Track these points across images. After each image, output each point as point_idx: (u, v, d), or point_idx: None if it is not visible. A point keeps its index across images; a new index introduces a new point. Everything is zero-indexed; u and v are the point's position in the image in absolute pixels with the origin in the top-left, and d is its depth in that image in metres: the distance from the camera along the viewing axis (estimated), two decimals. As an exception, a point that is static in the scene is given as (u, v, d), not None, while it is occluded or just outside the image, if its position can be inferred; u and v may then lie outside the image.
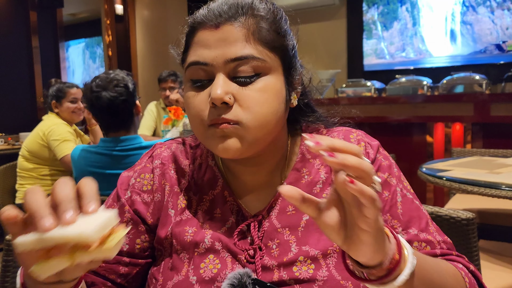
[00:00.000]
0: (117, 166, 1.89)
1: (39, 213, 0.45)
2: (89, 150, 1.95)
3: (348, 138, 0.77)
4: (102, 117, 1.85)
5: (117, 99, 1.79)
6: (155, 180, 0.77)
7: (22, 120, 4.39)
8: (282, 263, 0.69)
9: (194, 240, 0.71)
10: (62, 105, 2.77)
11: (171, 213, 0.75)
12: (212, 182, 0.77)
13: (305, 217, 0.72)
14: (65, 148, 2.56)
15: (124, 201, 0.77)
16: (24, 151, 2.66)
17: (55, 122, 2.69)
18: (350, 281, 0.67)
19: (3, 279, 1.29)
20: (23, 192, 2.59)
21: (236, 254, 0.70)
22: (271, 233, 0.71)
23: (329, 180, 0.74)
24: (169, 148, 0.81)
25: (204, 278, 0.68)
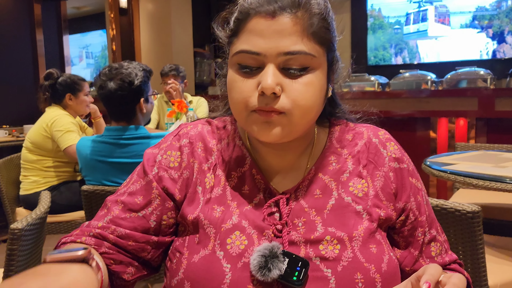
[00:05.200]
0: (121, 154, 1.90)
1: None
2: (94, 140, 1.96)
3: (377, 135, 0.81)
4: (105, 105, 1.88)
5: (116, 93, 1.81)
6: (184, 158, 0.78)
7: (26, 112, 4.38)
8: (309, 240, 0.71)
9: (221, 217, 0.73)
10: (78, 98, 2.76)
11: (198, 190, 0.76)
12: (240, 160, 0.79)
13: (331, 202, 0.74)
14: (68, 138, 2.56)
15: (152, 177, 0.77)
16: (28, 142, 2.67)
17: (58, 113, 2.68)
18: (373, 264, 0.69)
19: (7, 267, 1.29)
20: (27, 184, 2.61)
21: (263, 229, 0.72)
22: (298, 212, 0.74)
23: (356, 171, 0.77)
24: (196, 128, 0.82)
25: (231, 254, 0.70)
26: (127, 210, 0.75)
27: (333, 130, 0.82)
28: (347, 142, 0.80)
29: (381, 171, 0.77)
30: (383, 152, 0.79)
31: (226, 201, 0.75)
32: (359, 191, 0.75)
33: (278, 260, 0.67)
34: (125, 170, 1.92)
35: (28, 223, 1.31)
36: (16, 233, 1.25)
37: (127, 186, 0.79)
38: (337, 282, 0.67)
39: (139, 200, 0.76)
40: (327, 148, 0.80)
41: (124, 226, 0.75)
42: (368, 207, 0.74)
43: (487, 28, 4.36)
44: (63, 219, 2.57)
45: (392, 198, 0.77)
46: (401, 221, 0.77)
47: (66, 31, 5.61)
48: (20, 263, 1.32)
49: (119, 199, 0.77)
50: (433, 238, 0.80)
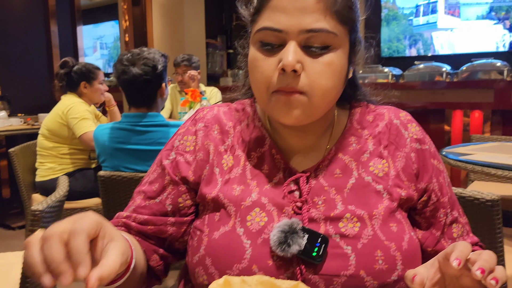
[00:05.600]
0: (138, 141, 1.91)
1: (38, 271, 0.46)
2: (111, 127, 1.97)
3: (398, 116, 0.81)
4: (126, 91, 1.88)
5: (142, 77, 1.82)
6: (198, 141, 0.80)
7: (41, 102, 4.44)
8: (329, 218, 0.71)
9: (241, 195, 0.74)
10: (93, 86, 2.79)
11: (216, 171, 0.77)
12: (259, 140, 0.79)
13: (351, 181, 0.75)
14: (84, 126, 2.58)
15: (165, 164, 0.80)
16: (44, 130, 2.70)
17: (73, 101, 2.71)
18: (394, 242, 0.70)
19: (28, 248, 1.31)
20: (43, 170, 2.64)
21: (283, 206, 0.73)
22: (318, 190, 0.74)
23: (377, 152, 0.77)
24: (212, 111, 0.84)
25: (251, 231, 0.71)
26: (146, 198, 0.80)
27: (354, 112, 0.82)
28: (367, 123, 0.80)
29: (402, 152, 0.77)
30: (404, 133, 0.79)
31: (246, 180, 0.76)
32: (380, 171, 0.75)
33: (297, 235, 0.68)
34: (142, 157, 1.94)
35: (48, 205, 1.33)
36: (37, 215, 1.27)
37: (148, 175, 0.83)
38: (357, 259, 0.68)
39: (155, 187, 0.80)
40: (348, 129, 0.80)
41: (143, 213, 0.79)
42: (388, 187, 0.74)
43: (504, 20, 4.29)
44: (78, 206, 2.60)
45: (413, 178, 0.77)
46: (423, 201, 0.77)
47: (80, 22, 5.64)
48: (40, 245, 1.34)
49: (141, 189, 0.82)
50: (455, 220, 0.80)
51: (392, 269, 0.68)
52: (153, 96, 1.91)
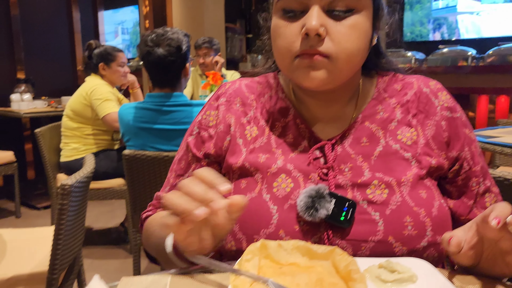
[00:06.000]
0: (163, 121, 1.93)
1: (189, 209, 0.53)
2: (135, 107, 1.99)
3: (428, 85, 0.79)
4: (151, 71, 1.89)
5: (167, 58, 1.83)
6: (219, 115, 0.81)
7: (64, 85, 4.50)
8: (356, 184, 0.71)
9: (266, 162, 0.74)
10: (111, 68, 2.82)
11: (239, 142, 0.78)
12: (283, 111, 0.80)
13: (379, 148, 0.74)
14: (107, 107, 2.62)
15: (189, 142, 0.83)
16: (68, 110, 2.74)
17: (97, 82, 2.74)
18: (423, 208, 0.69)
19: (59, 222, 1.34)
20: (68, 151, 2.69)
21: (308, 173, 0.73)
22: (344, 158, 0.74)
23: (405, 120, 0.76)
24: (234, 85, 0.84)
25: (277, 196, 0.71)
26: (177, 176, 0.84)
27: (381, 81, 0.81)
28: (395, 92, 0.79)
29: (433, 120, 0.76)
30: (434, 101, 0.77)
31: (270, 149, 0.76)
32: (408, 139, 0.74)
33: (325, 200, 0.67)
34: (166, 137, 1.95)
35: (76, 180, 1.35)
36: (67, 189, 1.30)
37: (178, 154, 0.86)
38: (386, 225, 0.67)
39: (182, 165, 0.83)
40: (374, 97, 0.79)
41: None
42: (417, 155, 0.73)
43: (533, 3, 4.15)
44: (101, 186, 2.65)
45: (444, 147, 0.75)
46: (454, 170, 0.76)
47: (101, 7, 5.67)
48: (70, 219, 1.37)
49: (173, 167, 0.86)
50: (488, 189, 0.78)
51: (422, 235, 0.67)
52: (178, 76, 1.92)
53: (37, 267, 1.43)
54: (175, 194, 0.55)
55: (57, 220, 1.33)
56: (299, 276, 0.56)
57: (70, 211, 1.35)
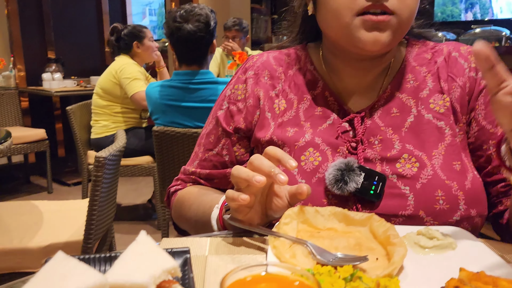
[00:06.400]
0: (190, 98, 1.94)
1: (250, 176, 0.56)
2: (163, 85, 2.01)
3: (459, 49, 0.76)
4: (179, 48, 1.89)
5: (196, 34, 1.83)
6: (248, 88, 0.80)
7: (92, 65, 4.58)
8: (385, 158, 0.70)
9: (294, 136, 0.74)
10: (144, 45, 2.86)
11: (268, 116, 0.77)
12: (312, 83, 0.78)
13: (410, 119, 0.72)
14: (135, 86, 2.66)
15: (219, 116, 0.82)
16: (98, 88, 2.80)
17: (126, 61, 2.78)
18: (456, 181, 0.67)
19: (93, 193, 1.38)
20: (98, 128, 2.75)
21: (337, 146, 0.72)
22: (374, 130, 0.72)
23: (437, 87, 0.74)
24: (262, 58, 0.83)
25: (305, 170, 0.71)
26: (205, 151, 0.84)
27: (411, 49, 0.78)
28: (425, 61, 0.76)
29: (459, 82, 0.73)
30: (463, 64, 0.74)
31: (299, 122, 0.75)
32: (441, 107, 0.72)
33: (354, 173, 0.66)
34: (193, 115, 1.97)
35: (110, 153, 1.39)
36: (101, 161, 1.34)
37: (206, 127, 0.86)
38: (416, 199, 0.66)
39: (212, 139, 0.83)
40: (404, 66, 0.76)
41: (205, 166, 0.84)
42: (450, 122, 0.71)
43: None
44: (130, 163, 2.70)
45: (465, 110, 0.73)
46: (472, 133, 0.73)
47: (128, -13, 5.69)
48: (104, 190, 1.41)
49: (200, 141, 0.86)
50: None
51: (454, 209, 0.65)
52: (205, 53, 1.92)
53: (72, 237, 1.48)
54: (243, 168, 0.58)
55: (91, 191, 1.37)
56: (337, 240, 0.56)
57: (104, 183, 1.39)
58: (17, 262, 1.39)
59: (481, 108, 0.72)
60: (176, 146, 1.91)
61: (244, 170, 0.57)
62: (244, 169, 0.57)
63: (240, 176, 0.56)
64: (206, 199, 0.76)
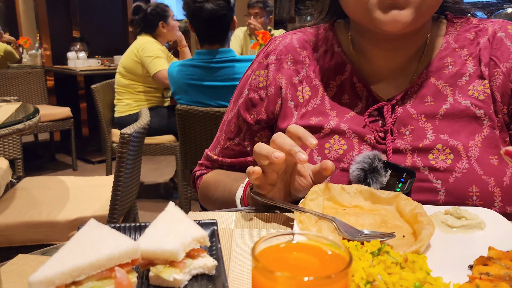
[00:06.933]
0: (212, 77, 1.95)
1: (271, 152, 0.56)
2: (185, 64, 2.01)
3: (506, 29, 0.69)
4: (201, 28, 1.89)
5: (218, 12, 1.82)
6: (269, 75, 0.76)
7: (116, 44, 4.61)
8: (417, 148, 0.66)
9: (319, 123, 0.71)
10: (169, 24, 2.87)
11: (290, 105, 0.74)
12: (339, 67, 0.74)
13: (445, 106, 0.67)
14: (157, 64, 2.67)
15: (240, 104, 0.80)
16: (121, 68, 2.83)
17: (147, 40, 2.80)
18: (493, 177, 0.62)
19: (118, 169, 1.41)
20: (121, 106, 2.78)
21: (364, 135, 0.68)
22: (405, 119, 0.68)
23: (478, 72, 0.68)
24: (285, 39, 0.78)
25: (329, 158, 0.68)
26: (227, 139, 0.82)
27: (451, 28, 0.72)
28: (467, 41, 0.70)
29: (503, 67, 0.66)
30: (510, 46, 0.67)
31: (324, 110, 0.72)
32: (480, 93, 0.66)
33: (378, 174, 0.63)
34: (216, 94, 1.98)
35: (135, 130, 1.41)
36: (126, 138, 1.36)
37: (227, 112, 0.84)
38: (447, 195, 0.62)
39: (232, 127, 0.81)
40: (443, 49, 0.70)
41: (227, 154, 0.83)
42: (490, 112, 0.65)
43: None
44: (153, 142, 2.74)
45: (507, 99, 0.67)
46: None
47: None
48: (128, 166, 1.43)
49: (223, 127, 0.84)
50: None
51: (488, 206, 0.61)
52: (227, 30, 1.91)
53: (98, 211, 1.52)
54: (265, 145, 0.58)
55: (116, 167, 1.40)
56: (363, 217, 0.56)
57: (129, 159, 1.42)
58: (46, 234, 1.44)
59: None
60: (199, 125, 1.92)
61: (265, 147, 0.57)
62: (265, 146, 0.57)
63: (261, 153, 0.56)
64: (231, 180, 0.76)
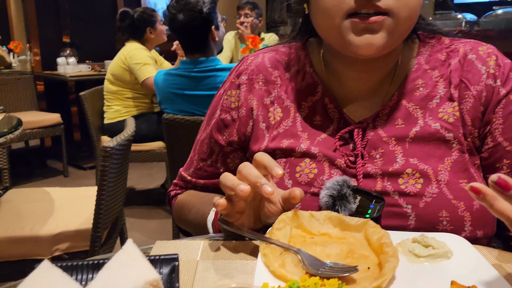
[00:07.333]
0: (196, 87, 1.94)
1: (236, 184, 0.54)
2: (170, 73, 2.01)
3: (476, 50, 0.68)
4: (179, 37, 1.90)
5: (190, 23, 1.81)
6: (241, 96, 0.75)
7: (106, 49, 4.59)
8: (387, 173, 0.65)
9: (290, 146, 0.70)
10: (157, 29, 2.86)
11: (262, 126, 0.73)
12: (311, 88, 0.73)
13: (415, 129, 0.66)
14: (146, 71, 2.67)
15: (212, 125, 0.78)
16: (109, 74, 2.82)
17: (135, 47, 2.79)
18: (463, 201, 0.62)
19: (101, 183, 1.40)
20: (110, 113, 2.77)
21: (334, 159, 0.67)
22: (376, 142, 0.67)
23: (448, 95, 0.67)
24: (257, 59, 0.77)
25: (299, 182, 0.67)
26: (200, 160, 0.81)
27: (423, 49, 0.71)
28: (439, 62, 0.69)
29: (473, 90, 0.66)
30: (480, 68, 0.66)
31: (296, 132, 0.70)
32: (450, 116, 0.65)
33: (346, 201, 0.62)
34: (199, 102, 1.96)
35: (117, 143, 1.40)
36: (108, 151, 1.34)
37: (200, 132, 0.82)
38: (418, 220, 0.62)
39: (205, 148, 0.80)
40: (415, 70, 0.69)
41: (201, 176, 0.81)
42: (459, 135, 0.65)
43: None
44: (142, 148, 2.73)
45: (478, 122, 0.66)
46: (486, 149, 0.67)
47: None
48: (111, 180, 1.42)
49: (196, 147, 0.82)
50: None
51: (459, 231, 0.61)
52: (205, 41, 1.89)
53: (82, 225, 1.51)
54: (231, 175, 0.57)
55: (99, 181, 1.38)
56: (330, 247, 0.55)
57: (112, 173, 1.40)
58: (28, 249, 1.43)
59: (499, 122, 0.66)
60: (185, 133, 1.91)
61: (230, 178, 0.56)
62: (231, 178, 0.56)
63: (227, 184, 0.55)
64: (204, 203, 0.75)
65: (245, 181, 0.55)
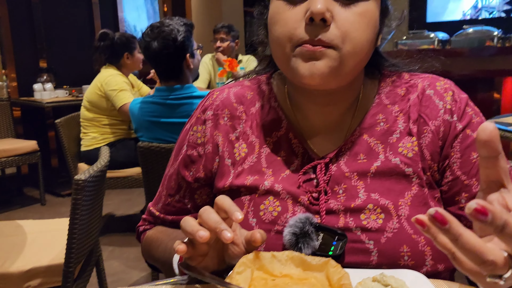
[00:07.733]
0: (171, 114, 1.93)
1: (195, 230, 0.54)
2: (145, 101, 2.00)
3: (434, 86, 0.70)
4: (153, 65, 1.90)
5: (162, 52, 1.82)
6: (207, 132, 0.75)
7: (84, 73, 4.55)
8: (349, 208, 0.65)
9: (254, 183, 0.70)
10: (134, 56, 2.84)
11: (228, 162, 0.73)
12: (276, 123, 0.73)
13: (376, 164, 0.67)
14: (123, 97, 2.65)
15: (179, 161, 0.78)
16: (85, 101, 2.79)
17: (111, 73, 2.77)
18: (423, 236, 0.62)
19: (73, 216, 1.37)
20: (87, 140, 2.73)
21: (298, 196, 0.68)
22: (338, 178, 0.68)
23: (407, 129, 0.68)
24: (222, 94, 0.77)
25: (264, 221, 0.67)
26: (168, 195, 0.80)
27: (384, 84, 0.73)
28: (399, 97, 0.71)
29: (431, 126, 0.67)
30: (438, 104, 0.68)
31: (260, 168, 0.71)
32: (409, 151, 0.67)
33: (309, 238, 0.62)
34: (175, 130, 1.96)
35: (90, 175, 1.38)
36: (80, 184, 1.32)
37: (168, 167, 0.82)
38: (380, 255, 0.62)
39: (173, 184, 0.79)
40: (375, 105, 0.71)
41: (169, 211, 0.81)
42: (418, 170, 0.66)
43: None
44: (120, 175, 2.69)
45: (437, 157, 0.67)
46: (446, 182, 0.68)
47: (120, -7, 5.67)
48: (84, 213, 1.40)
49: (164, 182, 0.82)
50: None
51: (420, 266, 0.62)
52: (179, 69, 1.90)
53: (54, 260, 1.47)
54: (192, 220, 0.57)
55: (71, 214, 1.36)
56: (290, 290, 0.55)
57: (84, 205, 1.38)
58: (-2, 287, 1.39)
59: (457, 156, 0.67)
60: (161, 161, 1.89)
61: (190, 223, 0.56)
62: (190, 223, 0.56)
63: (186, 230, 0.55)
64: (171, 240, 0.74)
65: (205, 226, 0.55)
